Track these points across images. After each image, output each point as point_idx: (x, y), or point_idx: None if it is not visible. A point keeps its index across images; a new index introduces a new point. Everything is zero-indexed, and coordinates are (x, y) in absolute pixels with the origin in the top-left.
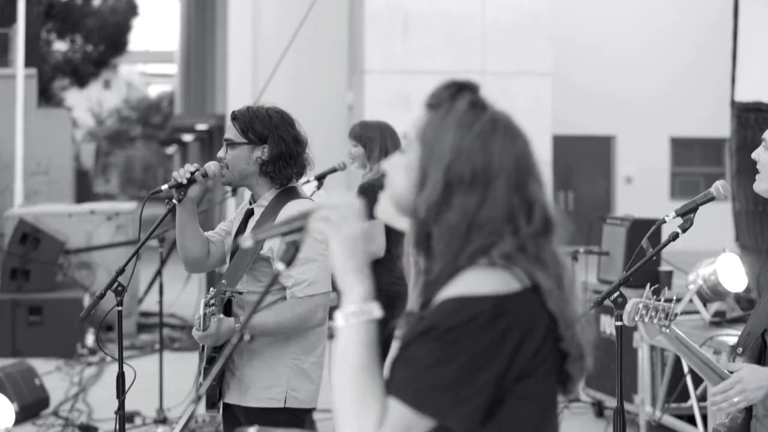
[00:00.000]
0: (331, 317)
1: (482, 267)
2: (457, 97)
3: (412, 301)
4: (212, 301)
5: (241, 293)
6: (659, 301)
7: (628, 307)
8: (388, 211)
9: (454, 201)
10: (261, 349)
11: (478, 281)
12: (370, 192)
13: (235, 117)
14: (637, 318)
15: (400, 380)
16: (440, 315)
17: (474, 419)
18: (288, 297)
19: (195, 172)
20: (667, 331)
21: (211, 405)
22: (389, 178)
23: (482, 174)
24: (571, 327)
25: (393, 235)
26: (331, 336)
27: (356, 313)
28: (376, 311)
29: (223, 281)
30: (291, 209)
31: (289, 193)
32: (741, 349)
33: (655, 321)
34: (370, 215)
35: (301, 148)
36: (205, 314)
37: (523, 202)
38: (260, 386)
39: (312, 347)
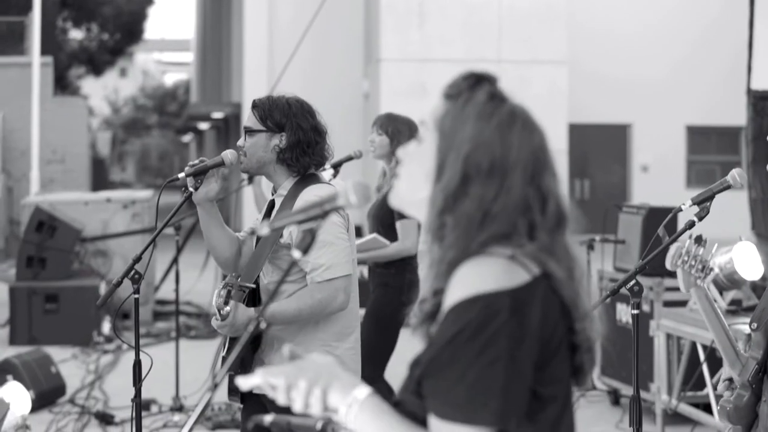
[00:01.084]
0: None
1: (487, 258)
2: (476, 89)
3: (424, 290)
4: (222, 292)
5: (251, 287)
6: (700, 249)
7: (672, 250)
8: (401, 198)
9: (470, 190)
10: (288, 337)
11: (489, 276)
12: None
13: (255, 105)
14: (678, 263)
15: (445, 401)
16: (462, 319)
17: (523, 415)
18: (308, 282)
19: (199, 165)
20: (702, 283)
21: (233, 392)
22: (404, 166)
23: (500, 165)
24: (582, 318)
25: None
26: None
27: (349, 407)
28: (360, 392)
29: (232, 273)
30: (308, 194)
31: (308, 180)
32: (755, 324)
33: (693, 271)
34: (402, 214)
35: (320, 137)
36: (218, 309)
37: (538, 194)
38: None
39: (344, 334)
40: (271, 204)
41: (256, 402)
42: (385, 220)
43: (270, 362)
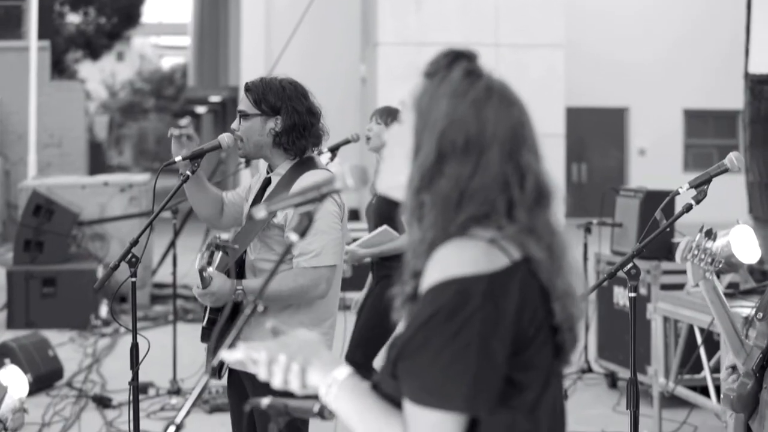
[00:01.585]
0: (343, 289)
1: (467, 241)
2: (453, 66)
3: (405, 272)
4: (204, 254)
5: (234, 247)
6: (709, 243)
7: (682, 245)
8: (387, 183)
9: (446, 169)
10: (268, 315)
11: (467, 260)
12: None
13: (248, 88)
14: (689, 257)
15: (418, 385)
16: (437, 302)
17: (496, 400)
18: (294, 266)
19: (196, 149)
20: (710, 276)
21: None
22: (387, 149)
23: (475, 142)
24: (562, 298)
25: None
26: (345, 307)
27: (329, 387)
28: (340, 372)
29: (215, 234)
30: (306, 180)
31: (305, 164)
32: (761, 314)
33: (702, 264)
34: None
35: (315, 119)
36: (200, 271)
37: (517, 171)
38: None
39: (321, 318)
40: (267, 181)
41: (239, 379)
42: (384, 213)
43: (248, 337)
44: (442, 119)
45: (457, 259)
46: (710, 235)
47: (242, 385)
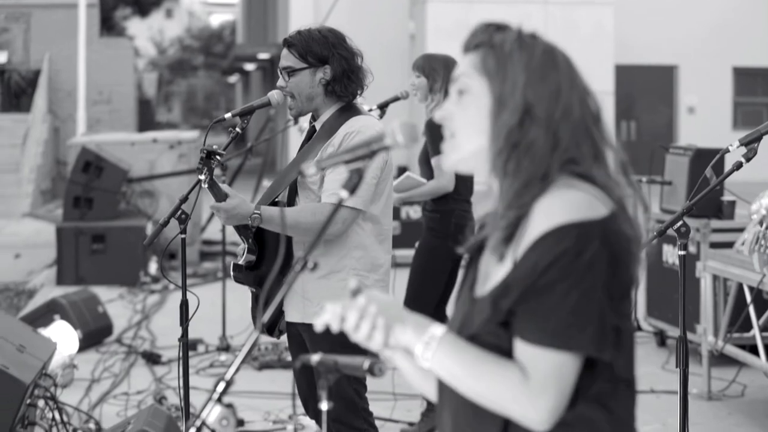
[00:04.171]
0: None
1: (569, 190)
2: (502, 31)
3: (496, 221)
4: (203, 168)
5: (221, 152)
6: None
7: (750, 237)
8: (454, 158)
9: (535, 116)
10: (321, 263)
11: (576, 206)
12: (436, 128)
13: (290, 44)
14: (755, 248)
15: (543, 327)
16: (562, 244)
17: (615, 343)
18: (323, 200)
19: (245, 106)
20: None
21: (270, 329)
22: (451, 127)
23: (556, 88)
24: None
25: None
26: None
27: (427, 345)
28: (437, 329)
29: (204, 147)
30: (353, 125)
31: (349, 110)
32: None
33: (766, 252)
34: (437, 150)
35: (359, 61)
36: (210, 187)
37: (591, 114)
38: (322, 302)
39: (376, 265)
40: (312, 130)
41: (297, 332)
42: (427, 161)
43: (301, 288)
44: (522, 72)
45: (568, 205)
46: None
47: (301, 338)
